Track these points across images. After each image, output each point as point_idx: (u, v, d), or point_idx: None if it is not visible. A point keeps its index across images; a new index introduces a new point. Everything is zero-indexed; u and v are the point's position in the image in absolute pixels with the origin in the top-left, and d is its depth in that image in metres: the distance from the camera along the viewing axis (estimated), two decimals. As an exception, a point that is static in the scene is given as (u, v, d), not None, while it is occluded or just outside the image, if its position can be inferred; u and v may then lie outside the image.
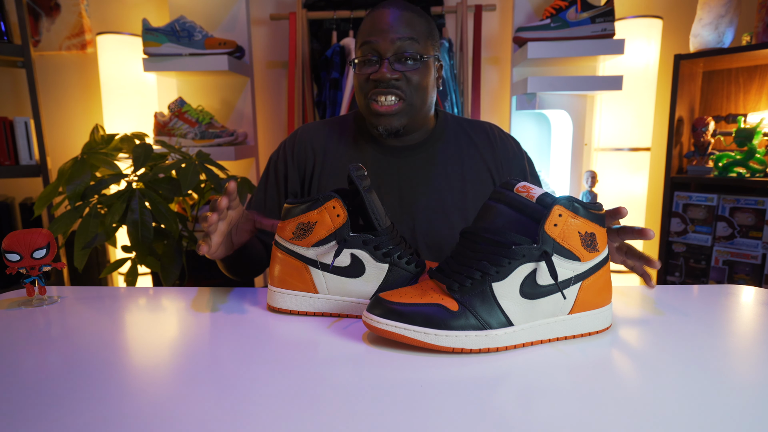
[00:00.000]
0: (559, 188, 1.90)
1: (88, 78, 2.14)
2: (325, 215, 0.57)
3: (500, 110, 2.09)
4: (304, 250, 0.58)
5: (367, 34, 0.80)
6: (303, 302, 0.59)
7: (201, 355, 0.47)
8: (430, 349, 0.48)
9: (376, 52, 0.79)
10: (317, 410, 0.37)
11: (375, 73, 0.79)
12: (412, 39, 0.78)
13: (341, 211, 0.57)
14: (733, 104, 1.87)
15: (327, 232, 0.57)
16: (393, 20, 0.79)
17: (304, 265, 0.59)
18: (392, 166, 0.87)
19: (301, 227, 0.58)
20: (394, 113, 0.80)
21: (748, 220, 1.68)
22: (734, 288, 0.70)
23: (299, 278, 0.59)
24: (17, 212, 1.96)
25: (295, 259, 0.59)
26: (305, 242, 0.58)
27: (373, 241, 0.58)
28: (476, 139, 0.91)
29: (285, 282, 0.60)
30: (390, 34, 0.78)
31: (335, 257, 0.57)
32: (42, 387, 0.41)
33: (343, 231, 0.57)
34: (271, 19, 1.95)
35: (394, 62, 0.79)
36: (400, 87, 0.79)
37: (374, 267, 0.58)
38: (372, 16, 0.81)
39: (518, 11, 1.84)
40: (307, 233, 0.58)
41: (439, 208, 0.85)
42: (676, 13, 1.94)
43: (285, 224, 0.59)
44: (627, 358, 0.47)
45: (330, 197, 0.57)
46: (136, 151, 1.27)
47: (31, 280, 0.64)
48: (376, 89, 0.79)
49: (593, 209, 0.50)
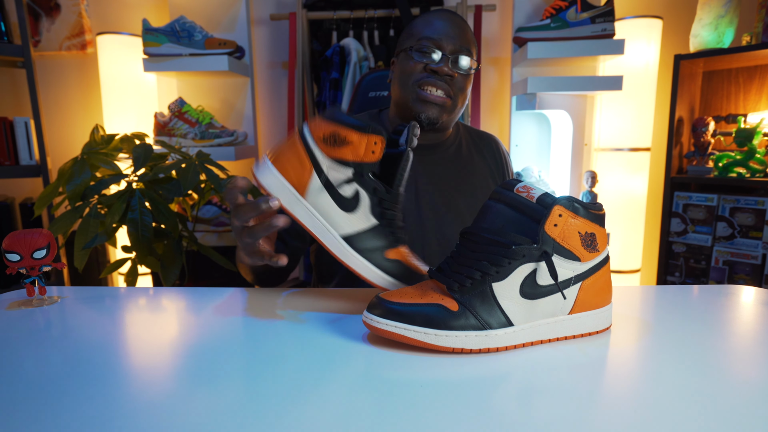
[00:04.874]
0: (559, 188, 1.90)
1: (88, 78, 2.14)
2: (362, 143, 0.55)
3: (500, 110, 2.09)
4: (321, 156, 0.56)
5: (429, 32, 0.85)
6: (285, 195, 0.56)
7: (201, 355, 0.47)
8: (430, 349, 0.48)
9: (438, 47, 0.84)
10: (317, 410, 0.37)
11: (435, 65, 0.83)
12: (469, 50, 0.86)
13: (379, 152, 0.56)
14: (733, 104, 1.87)
15: (352, 158, 0.56)
16: (457, 28, 0.85)
17: (311, 166, 0.56)
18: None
19: (335, 137, 0.55)
20: (440, 104, 0.85)
21: (748, 221, 1.68)
22: (734, 288, 0.70)
23: (298, 172, 0.56)
24: (17, 212, 1.96)
25: (308, 157, 0.56)
26: (328, 150, 0.56)
27: (383, 194, 0.57)
28: (485, 150, 0.98)
29: (283, 165, 0.56)
30: (453, 38, 0.84)
31: (345, 184, 0.56)
32: (42, 387, 0.41)
33: (367, 168, 0.56)
34: (271, 20, 1.95)
35: (453, 62, 0.84)
36: (451, 85, 0.85)
37: (364, 215, 0.57)
38: (431, 19, 0.87)
39: (518, 11, 1.84)
40: (336, 145, 0.55)
41: (453, 209, 0.89)
42: (676, 13, 1.94)
43: (324, 123, 0.56)
44: (627, 358, 0.47)
45: (379, 133, 0.56)
46: (136, 151, 1.27)
47: (31, 280, 0.64)
48: (430, 79, 0.84)
49: (593, 209, 0.50)
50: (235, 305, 0.64)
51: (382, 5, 1.82)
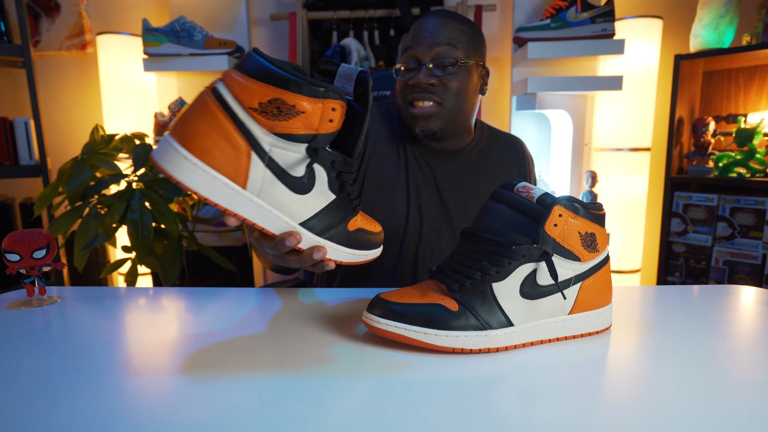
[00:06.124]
0: (559, 188, 1.90)
1: (88, 78, 2.14)
2: (317, 112, 0.44)
3: (500, 110, 2.09)
4: (261, 132, 0.43)
5: (408, 42, 0.83)
6: (220, 191, 0.43)
7: (201, 355, 0.47)
8: (430, 349, 0.48)
9: (414, 59, 0.81)
10: (317, 410, 0.37)
11: (412, 79, 0.81)
12: (451, 45, 0.80)
13: (338, 119, 0.46)
14: (733, 104, 1.87)
15: (304, 131, 0.44)
16: (432, 27, 0.81)
17: (248, 148, 0.43)
18: (430, 169, 0.88)
19: (279, 105, 0.43)
20: (430, 115, 0.82)
21: (749, 221, 1.68)
22: (734, 288, 0.70)
23: (231, 158, 0.43)
24: (17, 212, 1.96)
25: (241, 135, 0.43)
26: (269, 123, 0.43)
27: (341, 166, 0.49)
28: (508, 154, 0.94)
29: (205, 149, 0.42)
30: (428, 41, 0.80)
31: (307, 168, 0.46)
32: (42, 387, 0.41)
33: (323, 140, 0.46)
34: (271, 20, 1.95)
35: (433, 68, 0.80)
36: (436, 92, 0.81)
37: (322, 193, 0.49)
38: (415, 26, 0.84)
39: (518, 11, 1.84)
40: (280, 117, 0.43)
41: (473, 215, 0.87)
42: (676, 13, 1.94)
43: (259, 86, 0.42)
44: (627, 358, 0.47)
45: (336, 96, 0.45)
46: (136, 151, 1.27)
47: (31, 280, 0.64)
48: (414, 94, 0.82)
49: (593, 209, 0.50)
50: (235, 305, 0.64)
51: (383, 5, 1.82)
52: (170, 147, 0.42)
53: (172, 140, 0.42)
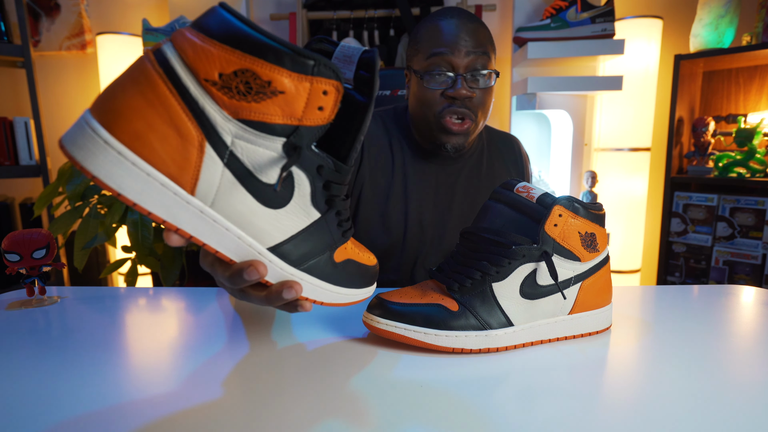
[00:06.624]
0: (559, 188, 1.90)
1: (88, 78, 2.14)
2: (302, 92, 0.32)
3: (500, 110, 2.09)
4: (220, 117, 0.31)
5: (436, 44, 0.75)
6: (156, 195, 0.31)
7: (201, 355, 0.47)
8: (430, 349, 0.48)
9: (449, 66, 0.75)
10: (317, 410, 0.37)
11: (452, 90, 0.74)
12: (485, 54, 0.75)
13: (330, 108, 0.34)
14: (733, 104, 1.87)
15: (282, 119, 0.32)
16: (466, 33, 0.74)
17: (201, 138, 0.31)
18: (431, 172, 0.86)
19: (248, 79, 0.31)
20: (465, 132, 0.78)
21: (749, 221, 1.68)
22: (734, 288, 0.70)
23: (175, 152, 0.31)
24: (17, 212, 1.96)
25: (191, 118, 0.31)
26: (232, 105, 0.31)
27: (331, 174, 0.37)
28: (505, 154, 0.93)
29: (138, 136, 0.30)
30: (464, 48, 0.74)
31: (282, 172, 0.33)
32: (42, 387, 0.41)
33: (308, 136, 0.34)
34: (271, 20, 1.95)
35: (470, 80, 0.75)
36: (471, 106, 0.76)
37: (301, 208, 0.37)
38: (438, 26, 0.76)
39: (518, 11, 1.84)
40: (249, 97, 0.31)
41: (472, 218, 0.86)
42: (676, 13, 1.94)
43: (222, 50, 0.30)
44: (627, 358, 0.47)
45: (332, 74, 0.33)
46: (136, 151, 1.27)
47: (31, 280, 0.64)
48: (451, 107, 0.76)
49: (593, 209, 0.50)
50: (236, 305, 0.64)
51: (382, 5, 1.82)
52: (86, 127, 0.29)
53: (91, 118, 0.30)
